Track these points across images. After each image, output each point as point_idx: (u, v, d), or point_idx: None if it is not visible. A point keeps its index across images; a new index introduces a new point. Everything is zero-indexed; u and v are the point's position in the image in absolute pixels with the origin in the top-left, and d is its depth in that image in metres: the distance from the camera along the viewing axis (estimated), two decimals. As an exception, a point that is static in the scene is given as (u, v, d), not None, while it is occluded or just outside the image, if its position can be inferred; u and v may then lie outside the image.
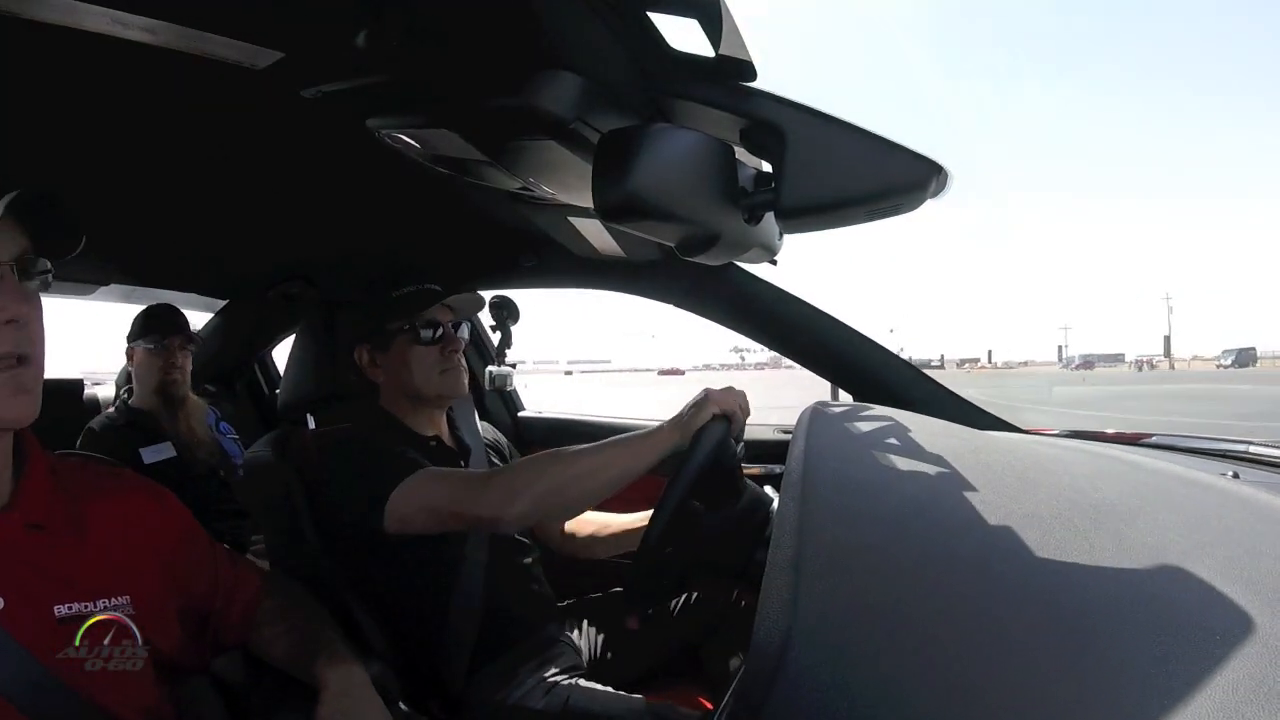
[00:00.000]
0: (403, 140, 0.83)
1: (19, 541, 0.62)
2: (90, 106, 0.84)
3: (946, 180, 0.63)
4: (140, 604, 0.67)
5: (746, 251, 0.79)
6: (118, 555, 0.68)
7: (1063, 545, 0.50)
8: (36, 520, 0.64)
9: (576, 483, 0.91)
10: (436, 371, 1.15)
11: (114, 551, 0.68)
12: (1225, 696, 0.35)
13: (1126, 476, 0.71)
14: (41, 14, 0.61)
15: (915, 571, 0.49)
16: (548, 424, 1.92)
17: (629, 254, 1.34)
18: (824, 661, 0.42)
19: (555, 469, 0.92)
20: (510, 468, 0.96)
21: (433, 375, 1.16)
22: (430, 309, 1.16)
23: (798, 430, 0.69)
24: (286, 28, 0.67)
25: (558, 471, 0.92)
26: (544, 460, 0.94)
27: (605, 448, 0.92)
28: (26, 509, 0.63)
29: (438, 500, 0.96)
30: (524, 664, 1.10)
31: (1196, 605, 0.43)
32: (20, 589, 0.60)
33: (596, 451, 0.92)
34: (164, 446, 1.75)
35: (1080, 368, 51.81)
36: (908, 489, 0.61)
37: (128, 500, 0.71)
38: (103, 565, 0.66)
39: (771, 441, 1.49)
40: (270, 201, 1.25)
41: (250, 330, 2.18)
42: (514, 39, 0.66)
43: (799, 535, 0.50)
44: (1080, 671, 0.39)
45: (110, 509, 0.69)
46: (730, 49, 0.61)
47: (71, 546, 0.65)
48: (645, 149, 0.60)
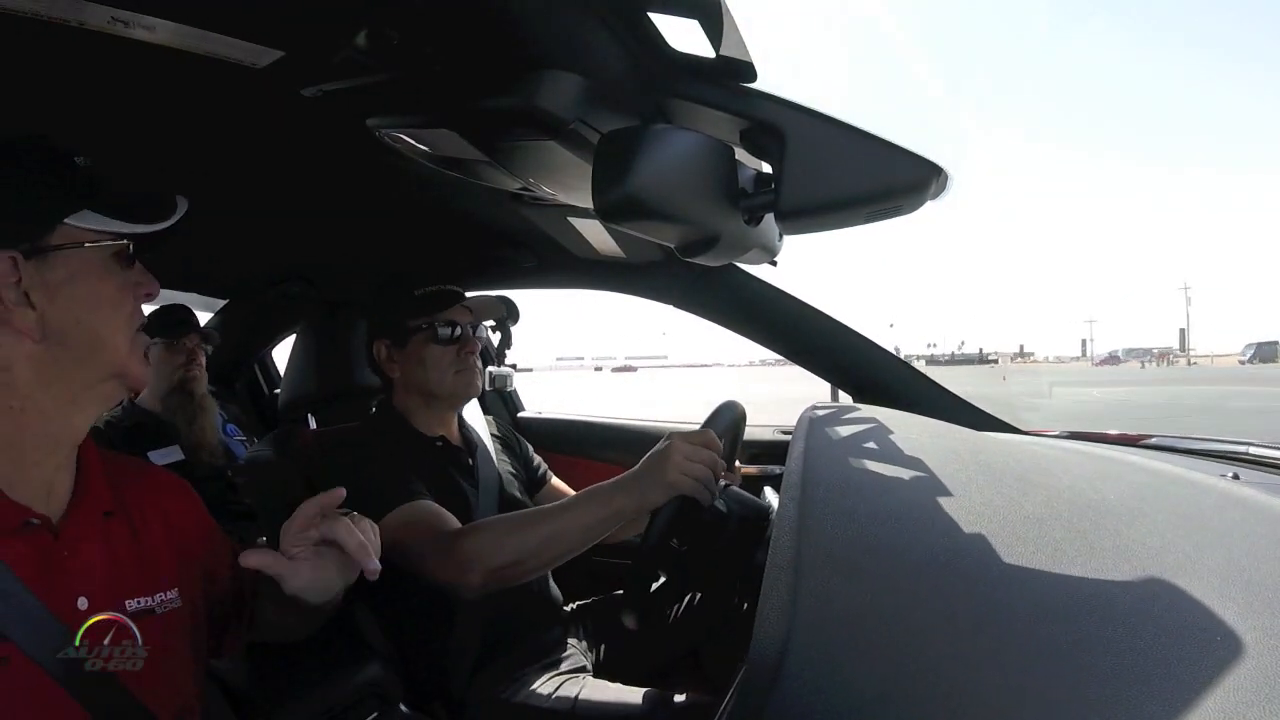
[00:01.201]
0: (403, 140, 0.83)
1: (97, 532, 0.63)
2: (90, 105, 0.83)
3: (947, 181, 0.63)
4: (185, 598, 0.68)
5: (746, 252, 0.79)
6: (166, 548, 0.69)
7: (1062, 546, 0.50)
8: (108, 507, 0.65)
9: (534, 556, 0.89)
10: (451, 371, 1.16)
11: (162, 543, 0.69)
12: (1226, 698, 0.35)
13: (1126, 478, 0.71)
14: (42, 10, 0.61)
15: (915, 572, 0.49)
16: (547, 424, 1.92)
17: (629, 254, 1.34)
18: (824, 661, 0.42)
19: (514, 540, 0.89)
20: (474, 532, 0.92)
21: (447, 375, 1.16)
22: (450, 309, 1.17)
23: (797, 431, 0.69)
24: (286, 27, 0.67)
25: (515, 544, 0.89)
26: (503, 528, 0.92)
27: (566, 512, 0.89)
28: (97, 494, 0.65)
29: (408, 546, 0.95)
30: (529, 664, 1.10)
31: (1197, 607, 0.43)
32: (102, 583, 0.62)
33: (559, 515, 0.89)
34: (172, 450, 1.73)
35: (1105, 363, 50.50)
36: (907, 490, 0.60)
37: (162, 493, 0.72)
38: (157, 557, 0.68)
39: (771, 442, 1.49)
40: (270, 201, 1.25)
41: (250, 330, 2.18)
42: (514, 39, 0.66)
43: (798, 536, 0.50)
44: (1080, 672, 0.39)
45: (151, 501, 0.70)
46: (730, 49, 0.61)
47: (129, 538, 0.66)
48: (645, 149, 0.60)
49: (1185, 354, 54.11)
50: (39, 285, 0.59)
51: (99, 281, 0.62)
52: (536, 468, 1.38)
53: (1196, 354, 57.69)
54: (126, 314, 0.64)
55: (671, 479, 0.83)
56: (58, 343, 0.60)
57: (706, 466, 0.85)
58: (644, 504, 0.85)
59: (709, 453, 0.86)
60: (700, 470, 0.84)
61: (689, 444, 0.85)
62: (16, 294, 0.58)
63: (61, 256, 0.60)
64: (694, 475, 0.84)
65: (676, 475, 0.83)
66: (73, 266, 0.61)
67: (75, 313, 0.61)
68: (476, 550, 0.89)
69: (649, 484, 0.85)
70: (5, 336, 0.58)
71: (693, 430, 0.89)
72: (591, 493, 0.90)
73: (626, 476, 0.87)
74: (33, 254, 0.59)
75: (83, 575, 0.61)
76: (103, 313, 0.62)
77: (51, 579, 0.59)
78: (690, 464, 0.84)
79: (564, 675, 1.10)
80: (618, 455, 1.68)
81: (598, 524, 0.87)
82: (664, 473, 0.84)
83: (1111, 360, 53.58)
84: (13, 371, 0.59)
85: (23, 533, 0.59)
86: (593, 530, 0.88)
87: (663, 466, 0.84)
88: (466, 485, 1.16)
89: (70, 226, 0.61)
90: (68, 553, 0.60)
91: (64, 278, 0.60)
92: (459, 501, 1.12)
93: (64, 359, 0.61)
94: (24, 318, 0.58)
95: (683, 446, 0.85)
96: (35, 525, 0.59)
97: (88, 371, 0.62)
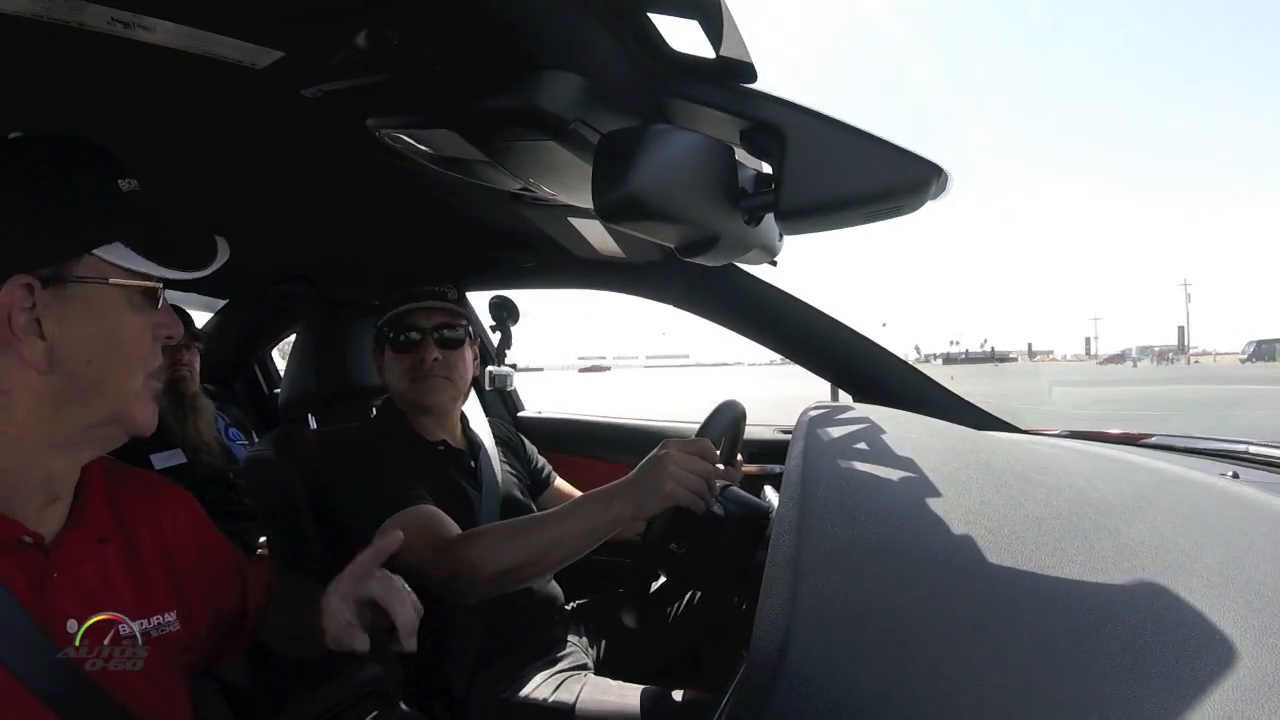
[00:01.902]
0: (403, 140, 0.83)
1: (90, 556, 0.60)
2: (90, 105, 0.83)
3: (947, 182, 0.63)
4: (183, 618, 0.66)
5: (746, 253, 0.79)
6: (164, 569, 0.66)
7: (1062, 545, 0.50)
8: (103, 533, 0.62)
9: (532, 564, 0.89)
10: (407, 379, 1.15)
11: (161, 565, 0.66)
12: (1226, 696, 0.36)
13: (1126, 477, 0.71)
14: (41, 11, 0.61)
15: (915, 571, 0.49)
16: (547, 424, 1.92)
17: (629, 254, 1.34)
18: (824, 661, 0.42)
19: (511, 547, 0.89)
20: (473, 539, 0.92)
21: (404, 382, 1.16)
22: (407, 315, 1.16)
23: (797, 430, 0.70)
24: (286, 27, 0.67)
25: (513, 552, 0.89)
26: (501, 535, 0.92)
27: (563, 519, 0.89)
28: (95, 516, 0.62)
29: (408, 552, 0.95)
30: (530, 663, 1.11)
31: (1196, 605, 0.43)
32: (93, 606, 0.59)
33: (556, 522, 0.89)
34: (175, 453, 1.73)
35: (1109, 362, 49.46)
36: (907, 489, 0.61)
37: (165, 510, 0.69)
38: (154, 579, 0.65)
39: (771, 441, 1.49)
40: (270, 201, 1.25)
41: (250, 330, 2.18)
42: (514, 39, 0.66)
43: (798, 535, 0.50)
44: (1080, 671, 0.39)
45: (152, 519, 0.67)
46: (731, 50, 0.61)
47: (125, 561, 0.63)
48: (645, 150, 0.60)
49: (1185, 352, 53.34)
50: (54, 315, 0.54)
51: (118, 321, 0.57)
52: (539, 469, 1.38)
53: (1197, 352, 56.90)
54: (142, 357, 0.60)
55: (667, 490, 0.83)
56: (64, 378, 0.55)
57: (701, 476, 0.85)
58: (640, 512, 0.85)
59: (703, 463, 0.86)
60: (694, 481, 0.84)
61: (684, 453, 0.85)
62: (28, 320, 0.54)
63: (83, 289, 0.55)
64: (688, 486, 0.84)
65: (672, 486, 0.83)
66: (93, 300, 0.56)
67: (88, 350, 0.56)
68: (475, 558, 0.90)
69: (644, 493, 0.85)
70: (9, 361, 0.54)
71: (688, 439, 0.88)
72: (588, 499, 0.90)
73: (624, 483, 0.87)
74: (52, 280, 0.54)
75: (73, 597, 0.58)
76: (117, 355, 0.58)
77: (41, 598, 0.56)
78: (685, 474, 0.84)
79: (564, 674, 1.10)
80: (617, 455, 1.68)
81: (595, 531, 0.87)
82: (659, 483, 0.84)
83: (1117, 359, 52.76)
84: (12, 396, 0.55)
85: (13, 550, 0.56)
86: (590, 537, 0.88)
87: (658, 476, 0.84)
88: (469, 488, 1.16)
89: (98, 259, 0.56)
90: (58, 574, 0.58)
91: (81, 311, 0.55)
92: (461, 504, 1.12)
93: (67, 396, 0.56)
94: (32, 347, 0.54)
95: (677, 456, 0.85)
96: (27, 544, 0.56)
97: (90, 413, 0.58)
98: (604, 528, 0.87)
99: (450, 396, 1.18)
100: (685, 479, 0.84)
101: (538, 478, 1.36)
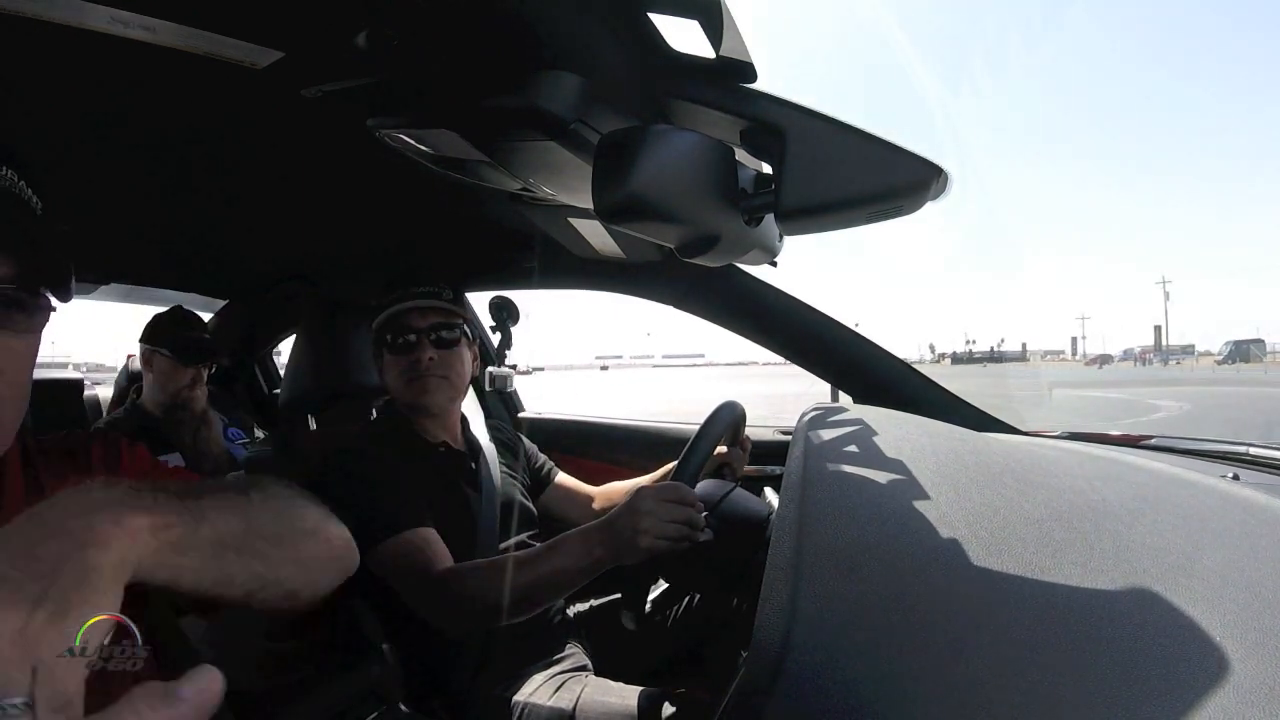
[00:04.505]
0: (403, 140, 0.83)
1: None
2: (90, 105, 0.83)
3: (947, 182, 0.63)
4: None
5: (746, 253, 0.79)
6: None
7: (1062, 546, 0.50)
8: None
9: (515, 606, 0.89)
10: (403, 381, 1.15)
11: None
12: (1226, 697, 0.36)
13: (1126, 479, 0.71)
14: (42, 12, 0.61)
15: (915, 572, 0.49)
16: (547, 424, 1.92)
17: (629, 255, 1.34)
18: (824, 661, 0.42)
19: (495, 591, 0.89)
20: (459, 578, 0.93)
21: (401, 384, 1.16)
22: (403, 316, 1.16)
23: (797, 432, 0.70)
24: (286, 27, 0.67)
25: (496, 594, 0.89)
26: (486, 577, 0.92)
27: (547, 561, 0.89)
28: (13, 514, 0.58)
29: (396, 578, 0.96)
30: (531, 663, 1.10)
31: (1197, 606, 0.43)
32: None
33: (540, 563, 0.89)
34: (173, 457, 1.72)
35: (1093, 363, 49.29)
36: (907, 490, 0.61)
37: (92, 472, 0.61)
38: None
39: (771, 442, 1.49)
40: (270, 201, 1.25)
41: (250, 330, 2.18)
42: (514, 39, 0.66)
43: (798, 536, 0.50)
44: (1079, 672, 0.39)
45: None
46: (731, 50, 0.61)
47: None
48: (645, 150, 0.60)
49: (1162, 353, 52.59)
50: None
51: None
52: (540, 468, 1.38)
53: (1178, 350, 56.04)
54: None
55: (643, 545, 0.83)
56: None
57: (680, 522, 0.84)
58: (620, 559, 0.85)
59: (679, 507, 0.85)
60: (672, 529, 0.84)
61: (658, 502, 0.85)
62: None
63: None
64: (665, 534, 0.83)
65: (648, 541, 0.83)
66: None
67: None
68: (458, 598, 0.91)
69: (623, 544, 0.85)
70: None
71: (663, 485, 0.88)
72: (572, 539, 0.90)
73: (604, 527, 0.87)
74: None
75: None
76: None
77: None
78: (661, 524, 0.83)
79: (565, 675, 1.09)
80: (617, 455, 1.68)
81: (578, 573, 0.88)
82: (635, 537, 0.83)
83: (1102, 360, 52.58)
84: None
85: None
86: (574, 579, 0.88)
87: (633, 528, 0.84)
88: (469, 491, 1.16)
89: None
90: None
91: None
92: (461, 508, 1.12)
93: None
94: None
95: (651, 506, 0.84)
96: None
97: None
98: (587, 570, 0.87)
99: (448, 397, 1.18)
100: (663, 529, 0.83)
101: (538, 477, 1.36)
